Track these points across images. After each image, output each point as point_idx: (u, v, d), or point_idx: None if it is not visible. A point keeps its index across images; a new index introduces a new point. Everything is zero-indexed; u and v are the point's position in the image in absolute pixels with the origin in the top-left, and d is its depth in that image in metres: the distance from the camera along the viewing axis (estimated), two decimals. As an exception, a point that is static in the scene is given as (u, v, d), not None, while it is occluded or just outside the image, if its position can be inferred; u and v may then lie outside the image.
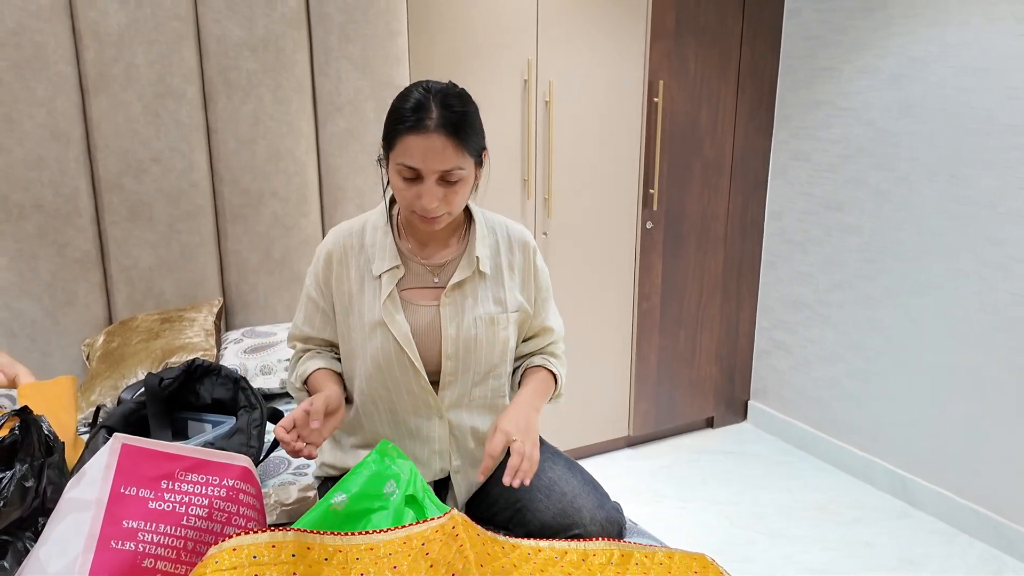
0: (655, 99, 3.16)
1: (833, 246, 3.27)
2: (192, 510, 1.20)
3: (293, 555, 1.16)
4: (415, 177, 1.44)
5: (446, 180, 1.45)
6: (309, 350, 1.67)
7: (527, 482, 1.42)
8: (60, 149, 2.22)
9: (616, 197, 3.21)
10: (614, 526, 1.57)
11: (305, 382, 1.63)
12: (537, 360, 1.70)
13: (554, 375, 1.69)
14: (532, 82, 2.93)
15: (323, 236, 2.64)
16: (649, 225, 3.29)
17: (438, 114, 1.41)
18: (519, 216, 3.03)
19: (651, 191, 3.24)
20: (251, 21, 2.39)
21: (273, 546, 1.14)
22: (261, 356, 2.29)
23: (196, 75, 2.36)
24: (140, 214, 2.35)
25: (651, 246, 3.32)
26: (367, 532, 1.27)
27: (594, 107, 3.08)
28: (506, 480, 1.40)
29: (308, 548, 1.19)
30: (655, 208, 3.27)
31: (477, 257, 1.58)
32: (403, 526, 1.30)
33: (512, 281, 1.64)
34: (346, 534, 1.26)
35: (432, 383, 1.58)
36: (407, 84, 2.62)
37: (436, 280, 1.59)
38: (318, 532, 1.23)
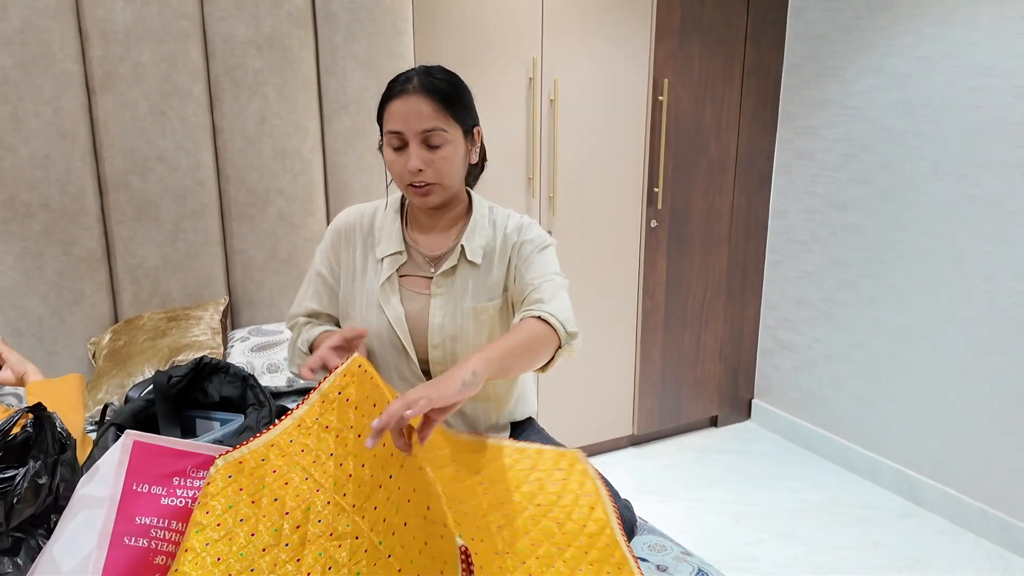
0: (660, 98, 3.16)
1: (838, 245, 3.27)
2: (204, 507, 1.19)
3: (230, 476, 1.21)
4: (402, 144, 1.51)
5: (429, 144, 1.50)
6: (310, 322, 1.72)
7: (370, 444, 1.12)
8: (66, 148, 2.22)
9: (621, 196, 3.21)
10: (625, 524, 1.57)
11: (311, 347, 1.66)
12: (524, 313, 1.49)
13: (540, 318, 1.45)
14: (537, 80, 2.93)
15: (329, 235, 2.64)
16: (653, 224, 3.29)
17: (419, 80, 1.51)
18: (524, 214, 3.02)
19: (655, 190, 3.24)
20: (257, 20, 2.39)
21: (208, 483, 1.19)
22: (268, 354, 2.28)
23: (202, 74, 2.36)
24: (146, 213, 2.35)
25: (655, 245, 3.32)
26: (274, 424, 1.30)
27: (599, 106, 3.08)
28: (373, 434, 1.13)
29: (240, 462, 1.23)
30: (659, 207, 3.27)
31: (462, 246, 1.60)
32: (304, 399, 1.32)
33: (500, 269, 1.63)
34: (259, 435, 1.28)
35: (424, 372, 1.62)
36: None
37: (433, 270, 1.63)
38: (242, 443, 1.26)
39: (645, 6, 3.07)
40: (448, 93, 1.52)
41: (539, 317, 1.45)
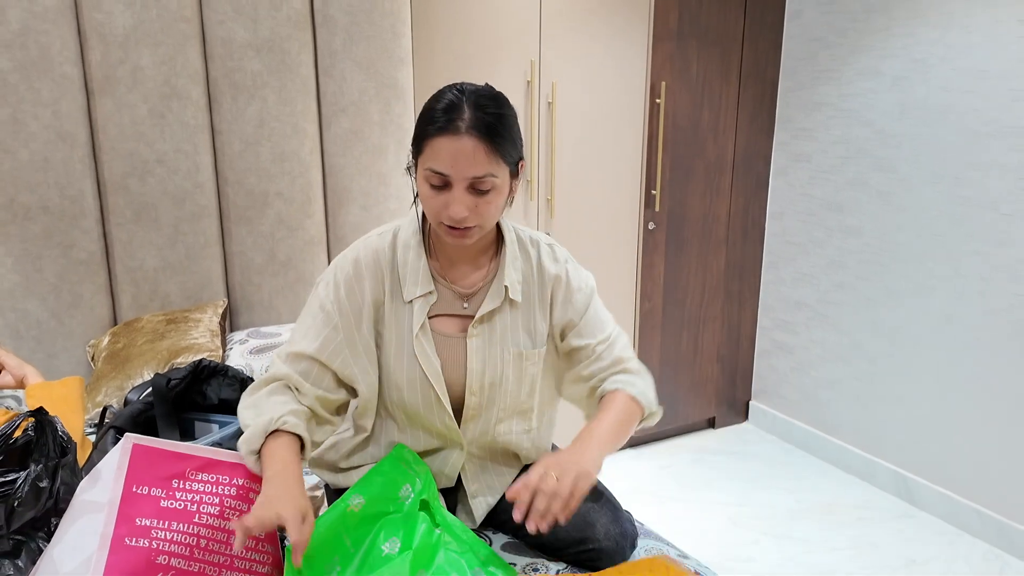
0: (657, 100, 3.17)
1: (834, 247, 3.28)
2: (204, 508, 1.20)
3: None
4: (444, 184, 1.33)
5: (476, 189, 1.33)
6: (290, 390, 1.43)
7: (543, 529, 1.24)
8: (66, 150, 2.23)
9: (618, 198, 3.22)
10: (627, 539, 1.55)
11: (271, 435, 1.33)
12: (610, 384, 1.50)
13: (632, 397, 1.49)
14: (535, 83, 2.94)
15: (327, 237, 2.65)
16: (651, 226, 3.30)
17: (471, 115, 1.31)
18: (522, 217, 3.03)
19: (653, 192, 3.25)
20: (256, 23, 2.40)
21: None
22: (266, 357, 2.29)
23: (201, 77, 2.37)
24: (145, 215, 2.36)
25: (653, 247, 3.33)
26: None
27: (597, 108, 3.09)
28: (516, 518, 1.26)
29: None
30: (657, 209, 3.28)
31: (506, 286, 1.48)
32: None
33: (542, 312, 1.53)
34: None
35: (455, 411, 1.51)
36: (411, 85, 2.64)
37: (465, 306, 1.49)
38: None
39: (642, 9, 3.08)
40: (501, 132, 1.33)
41: (632, 396, 1.49)
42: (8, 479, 1.18)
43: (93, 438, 1.79)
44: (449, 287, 1.49)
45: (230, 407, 1.81)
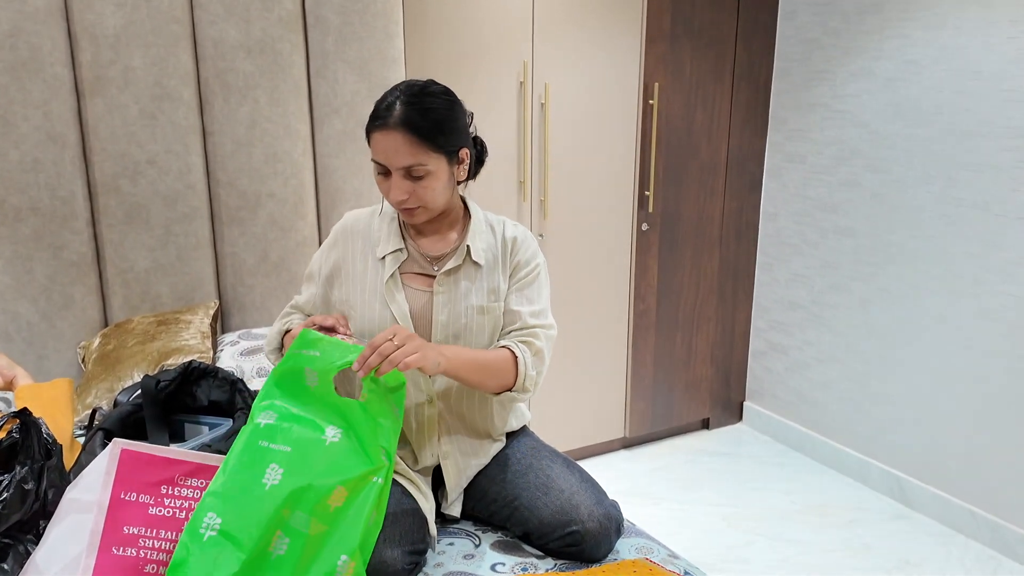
0: (650, 101, 3.17)
1: (828, 248, 3.28)
2: (192, 514, 1.19)
3: None
4: (385, 172, 1.55)
5: (411, 175, 1.53)
6: (291, 313, 1.78)
7: (361, 372, 1.36)
8: (56, 152, 2.22)
9: (612, 199, 3.22)
10: (612, 522, 1.58)
11: (283, 337, 1.72)
12: (506, 341, 1.64)
13: (515, 358, 1.60)
14: (528, 84, 2.93)
15: (319, 238, 2.64)
16: (645, 227, 3.29)
17: (400, 111, 1.50)
18: (515, 218, 3.03)
19: (647, 193, 3.25)
20: (247, 24, 2.39)
21: None
22: (257, 358, 2.28)
23: (192, 78, 2.36)
24: (136, 217, 2.35)
25: (647, 248, 3.33)
26: None
27: (590, 109, 3.09)
28: (355, 367, 1.37)
29: None
30: (651, 210, 3.27)
31: (468, 246, 1.64)
32: None
33: (504, 274, 1.69)
34: None
35: None
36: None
37: (436, 269, 1.65)
38: None
39: (635, 10, 3.07)
40: (428, 126, 1.50)
41: (514, 358, 1.60)
42: (-6, 482, 1.17)
43: (83, 440, 1.78)
44: (419, 250, 1.66)
45: (220, 409, 1.80)
